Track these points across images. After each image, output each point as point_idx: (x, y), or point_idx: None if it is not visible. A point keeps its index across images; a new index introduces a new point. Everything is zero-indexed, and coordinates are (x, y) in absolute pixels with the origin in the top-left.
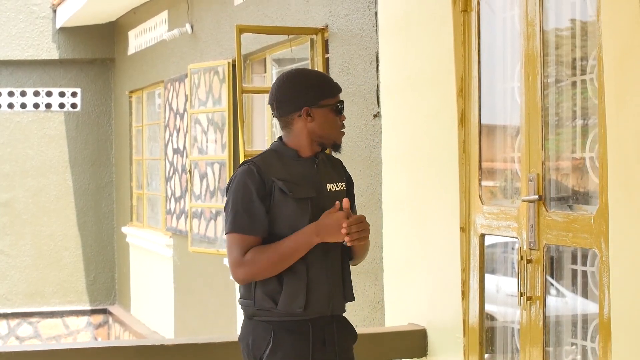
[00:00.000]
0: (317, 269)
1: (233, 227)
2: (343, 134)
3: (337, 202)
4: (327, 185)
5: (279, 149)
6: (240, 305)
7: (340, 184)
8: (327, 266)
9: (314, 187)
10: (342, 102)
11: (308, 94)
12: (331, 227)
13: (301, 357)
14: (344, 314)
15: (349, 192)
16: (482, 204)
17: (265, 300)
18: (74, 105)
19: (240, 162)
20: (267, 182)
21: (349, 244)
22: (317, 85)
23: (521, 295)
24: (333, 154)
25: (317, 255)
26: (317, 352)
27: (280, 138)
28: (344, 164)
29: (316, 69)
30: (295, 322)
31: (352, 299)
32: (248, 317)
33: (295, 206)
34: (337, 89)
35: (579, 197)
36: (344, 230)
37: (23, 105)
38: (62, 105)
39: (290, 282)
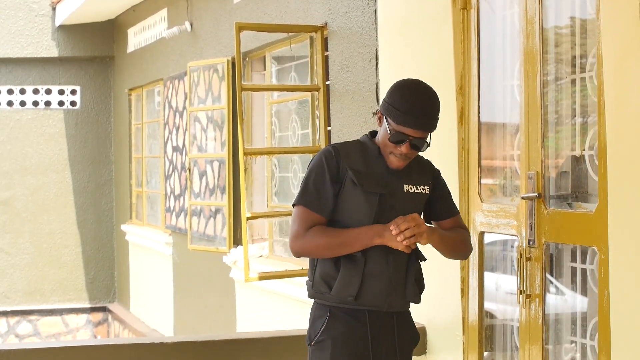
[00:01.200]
0: (376, 263)
1: (301, 200)
2: (396, 160)
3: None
4: (405, 185)
5: (365, 141)
6: (307, 288)
7: (422, 186)
8: (387, 262)
9: (387, 185)
10: (405, 137)
11: (389, 104)
12: (389, 235)
13: (356, 337)
14: (408, 315)
15: (437, 192)
16: (482, 201)
17: (322, 284)
18: (73, 103)
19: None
20: (341, 168)
21: (402, 243)
22: (402, 106)
23: (520, 293)
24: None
25: (379, 249)
26: (375, 341)
27: (372, 132)
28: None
29: (432, 93)
30: (351, 308)
31: (415, 299)
32: (310, 297)
33: (363, 199)
34: (412, 123)
35: (578, 195)
36: (395, 231)
37: (22, 103)
38: (61, 103)
39: (346, 270)
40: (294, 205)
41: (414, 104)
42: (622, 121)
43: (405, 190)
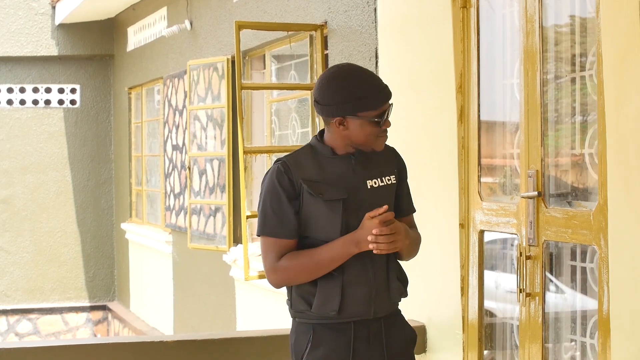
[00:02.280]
0: (354, 271)
1: (263, 230)
2: (384, 140)
3: (384, 206)
4: (368, 182)
5: (316, 145)
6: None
7: (387, 177)
8: (366, 267)
9: (349, 186)
10: (384, 112)
11: (345, 104)
12: (361, 240)
13: (342, 353)
14: (397, 316)
15: (401, 184)
16: (482, 200)
17: (301, 302)
18: (73, 102)
19: (276, 159)
20: (295, 183)
21: (375, 252)
22: (358, 95)
23: (520, 292)
24: None
25: (354, 256)
26: (360, 350)
27: (321, 132)
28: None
29: (367, 71)
30: (335, 323)
31: (397, 299)
32: (292, 317)
33: (326, 208)
34: (381, 100)
35: (578, 194)
36: (370, 238)
37: (22, 102)
38: (61, 102)
39: (324, 285)
40: (258, 235)
41: (368, 84)
42: (622, 120)
43: (369, 187)
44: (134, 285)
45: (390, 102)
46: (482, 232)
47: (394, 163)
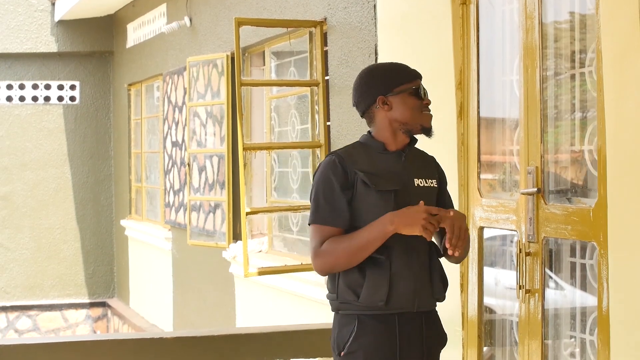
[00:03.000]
0: (400, 263)
1: (314, 218)
2: (429, 117)
3: (421, 202)
4: (415, 180)
5: (366, 141)
6: (328, 300)
7: (430, 180)
8: (411, 261)
9: (400, 180)
10: (419, 86)
11: (380, 84)
12: (408, 217)
13: (387, 345)
14: (435, 315)
15: (441, 190)
16: (481, 196)
17: (348, 292)
18: (72, 99)
19: (327, 153)
20: (349, 174)
21: (428, 239)
22: (389, 73)
23: (520, 288)
24: (423, 146)
25: (400, 249)
26: (403, 344)
27: (369, 132)
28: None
29: (392, 61)
30: (380, 315)
31: (441, 296)
32: (334, 310)
33: (378, 198)
34: (412, 74)
35: (578, 190)
36: (422, 222)
37: (22, 99)
38: (60, 99)
39: (372, 275)
40: (309, 225)
41: (394, 66)
42: (622, 116)
43: (417, 185)
44: (133, 282)
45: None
46: (481, 229)
47: (435, 170)
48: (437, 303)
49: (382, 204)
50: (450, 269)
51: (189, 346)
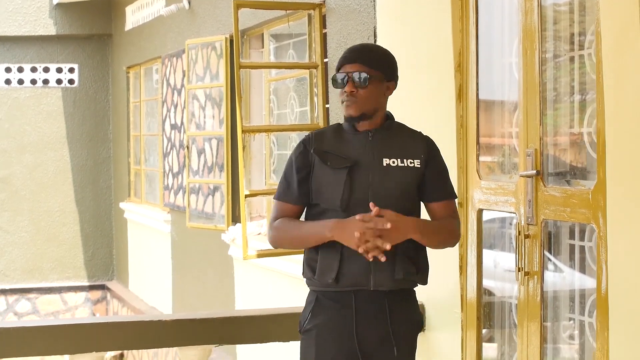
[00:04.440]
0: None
1: (276, 194)
2: (347, 107)
3: (375, 207)
4: (384, 159)
5: (343, 123)
6: None
7: (409, 160)
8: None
9: (361, 159)
10: (343, 75)
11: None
12: (344, 232)
13: (341, 324)
14: (407, 296)
15: (429, 170)
16: (480, 179)
17: (307, 270)
18: (71, 81)
19: None
20: (310, 153)
21: (361, 252)
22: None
23: (519, 271)
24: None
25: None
26: (363, 323)
27: None
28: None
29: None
30: (337, 292)
31: (401, 277)
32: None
33: (332, 176)
34: (340, 61)
35: (577, 172)
36: (357, 236)
37: (20, 81)
38: (59, 81)
39: (324, 254)
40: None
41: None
42: (621, 98)
43: (385, 164)
44: (132, 265)
45: (360, 69)
46: (480, 211)
47: (422, 149)
48: (422, 286)
49: (335, 180)
50: (449, 251)
51: (188, 329)
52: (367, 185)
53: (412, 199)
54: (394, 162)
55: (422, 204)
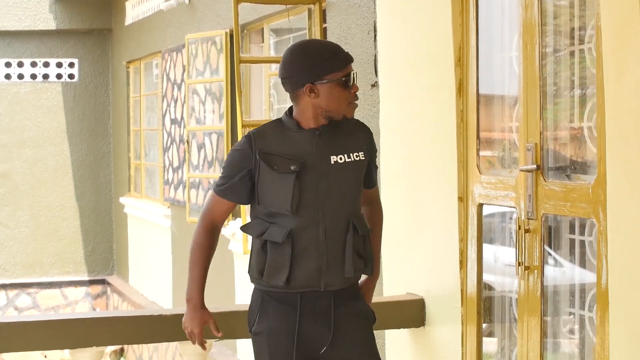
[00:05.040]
0: (305, 242)
1: (214, 187)
2: (354, 106)
3: (215, 330)
4: (332, 157)
5: (284, 119)
6: None
7: (355, 153)
8: (318, 239)
9: (309, 159)
10: (349, 74)
11: (311, 70)
12: (186, 320)
13: (287, 328)
14: (351, 292)
15: (370, 158)
16: (480, 173)
17: (253, 270)
18: (71, 76)
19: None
20: (254, 154)
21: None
22: (321, 59)
23: (519, 265)
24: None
25: (307, 225)
26: (306, 324)
27: (290, 108)
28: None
29: (324, 40)
30: (284, 292)
31: (351, 274)
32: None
33: (279, 179)
34: (344, 61)
35: (577, 167)
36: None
37: (20, 76)
38: (59, 76)
39: (273, 255)
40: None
41: (327, 49)
42: (621, 93)
43: (333, 162)
44: (132, 259)
45: (353, 70)
46: (480, 206)
47: (364, 140)
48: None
49: (282, 185)
50: (450, 245)
51: None
52: (316, 186)
53: (360, 191)
54: (341, 159)
55: None
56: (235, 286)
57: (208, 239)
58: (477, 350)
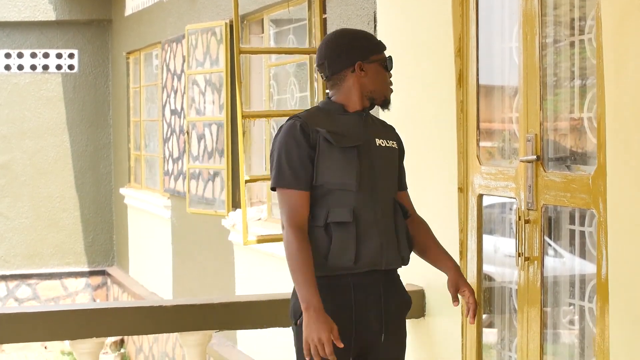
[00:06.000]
0: (367, 220)
1: (277, 182)
2: (392, 90)
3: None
4: (376, 139)
5: (325, 105)
6: None
7: (391, 141)
8: (377, 217)
9: (361, 138)
10: (390, 58)
11: (359, 50)
12: (309, 328)
13: (344, 316)
14: (397, 277)
15: (400, 158)
16: (480, 164)
17: (315, 253)
18: (71, 67)
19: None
20: (311, 134)
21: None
22: (366, 41)
23: (519, 256)
24: (382, 116)
25: (365, 206)
26: (359, 310)
27: (328, 97)
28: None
29: (359, 28)
30: (337, 277)
31: (407, 254)
32: None
33: (341, 155)
34: (383, 46)
35: (577, 158)
36: (312, 348)
37: (20, 67)
38: (59, 67)
39: (339, 236)
40: (273, 188)
41: (365, 33)
42: (621, 83)
43: (378, 144)
44: (133, 250)
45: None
46: (480, 196)
47: (394, 134)
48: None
49: (345, 161)
50: (450, 236)
51: (189, 314)
52: (369, 165)
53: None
54: (383, 143)
55: None
56: (235, 277)
57: (304, 240)
58: (477, 341)
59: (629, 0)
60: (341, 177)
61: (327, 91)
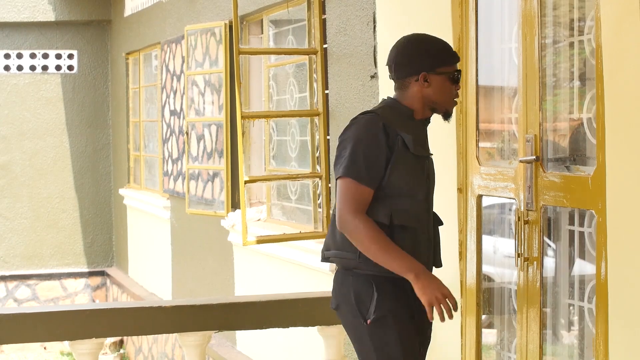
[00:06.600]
0: (422, 228)
1: (348, 172)
2: (456, 103)
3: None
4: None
5: (394, 105)
6: (331, 257)
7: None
8: (428, 226)
9: (428, 148)
10: (459, 71)
11: (427, 60)
12: (427, 286)
13: (407, 310)
14: None
15: None
16: (480, 165)
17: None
18: (70, 68)
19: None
20: (391, 135)
21: (429, 317)
22: (437, 52)
23: (518, 256)
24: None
25: (422, 215)
26: (417, 303)
27: (394, 97)
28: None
29: (437, 36)
30: (394, 277)
31: (440, 265)
32: (345, 269)
33: (414, 162)
34: (455, 58)
35: (576, 158)
36: (435, 301)
37: (19, 68)
38: (58, 68)
39: (402, 237)
40: (339, 178)
41: (443, 44)
42: (620, 84)
43: (431, 154)
44: (132, 251)
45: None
46: (480, 197)
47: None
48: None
49: (417, 168)
50: (449, 237)
51: (188, 315)
52: (427, 176)
53: None
54: (431, 153)
55: None
56: (234, 277)
57: (373, 223)
58: (476, 341)
59: (628, 1)
60: (411, 184)
61: (394, 90)
